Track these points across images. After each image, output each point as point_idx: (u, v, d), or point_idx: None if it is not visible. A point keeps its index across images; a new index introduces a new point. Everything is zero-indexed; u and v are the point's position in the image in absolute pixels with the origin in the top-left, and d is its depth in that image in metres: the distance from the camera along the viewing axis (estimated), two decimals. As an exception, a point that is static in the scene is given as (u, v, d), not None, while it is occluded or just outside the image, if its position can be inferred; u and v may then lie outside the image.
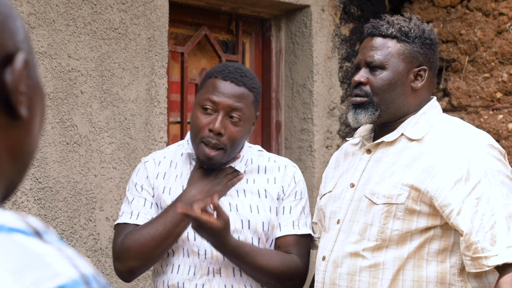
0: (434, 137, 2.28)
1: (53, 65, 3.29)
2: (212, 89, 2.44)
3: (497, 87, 4.23)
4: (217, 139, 2.40)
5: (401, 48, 2.32)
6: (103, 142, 3.43)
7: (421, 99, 2.35)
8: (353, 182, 2.35)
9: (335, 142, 4.34)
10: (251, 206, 2.48)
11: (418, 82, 2.33)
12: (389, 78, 2.30)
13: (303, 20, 4.28)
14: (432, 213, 2.21)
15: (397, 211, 2.22)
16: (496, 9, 4.26)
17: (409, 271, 2.23)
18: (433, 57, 2.36)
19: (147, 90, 3.58)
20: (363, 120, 2.32)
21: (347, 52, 4.42)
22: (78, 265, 0.88)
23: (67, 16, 3.33)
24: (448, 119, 2.37)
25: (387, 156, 2.31)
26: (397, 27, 2.33)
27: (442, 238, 2.23)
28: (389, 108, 2.31)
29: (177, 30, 4.05)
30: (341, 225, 2.33)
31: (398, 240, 2.23)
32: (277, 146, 4.36)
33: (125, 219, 2.49)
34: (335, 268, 2.30)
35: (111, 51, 3.47)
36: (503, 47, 4.21)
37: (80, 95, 3.37)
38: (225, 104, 2.41)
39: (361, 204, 2.29)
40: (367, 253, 2.25)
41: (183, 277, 2.44)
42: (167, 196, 2.48)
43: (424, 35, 2.33)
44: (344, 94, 4.39)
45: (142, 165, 2.56)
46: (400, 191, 2.22)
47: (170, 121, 3.94)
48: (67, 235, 3.32)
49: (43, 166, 3.24)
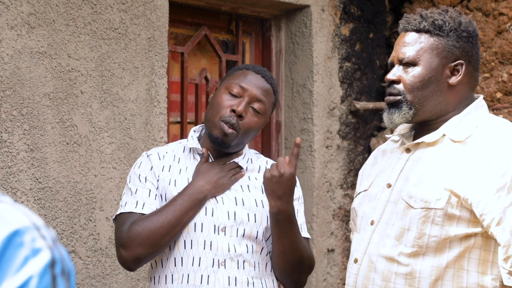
0: (478, 139, 2.15)
1: (53, 65, 3.29)
2: (243, 77, 2.54)
3: (497, 87, 4.23)
4: (236, 121, 2.47)
5: (434, 42, 2.20)
6: (103, 142, 3.43)
7: (461, 96, 2.23)
8: (390, 183, 2.24)
9: (335, 142, 4.34)
10: (256, 200, 2.52)
11: (455, 78, 2.20)
12: (422, 74, 2.19)
13: (303, 20, 4.28)
14: (472, 219, 2.09)
15: (436, 216, 2.11)
16: (496, 9, 4.26)
17: (448, 282, 2.12)
18: (471, 51, 2.23)
19: (147, 90, 3.58)
20: (397, 120, 2.22)
21: (347, 52, 4.42)
22: (29, 216, 1.00)
23: (67, 16, 3.33)
24: (494, 120, 2.23)
25: (427, 157, 2.19)
26: (430, 20, 2.21)
27: (482, 247, 2.11)
28: (424, 106, 2.20)
29: (177, 30, 4.05)
30: (376, 227, 2.22)
31: (436, 247, 2.11)
32: (277, 146, 4.36)
33: (130, 208, 2.49)
34: (368, 272, 2.20)
35: (111, 51, 3.47)
36: (503, 47, 4.21)
37: (80, 95, 3.36)
38: (252, 92, 2.51)
39: (398, 206, 2.18)
40: (403, 258, 2.14)
41: (188, 269, 2.45)
42: (173, 188, 2.50)
43: (460, 27, 2.21)
44: (344, 94, 4.39)
45: (145, 158, 2.57)
46: (439, 195, 2.11)
47: (170, 121, 3.94)
48: (67, 235, 3.32)
49: (43, 166, 3.24)
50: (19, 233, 0.98)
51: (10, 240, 0.97)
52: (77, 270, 3.35)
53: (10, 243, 0.97)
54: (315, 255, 4.21)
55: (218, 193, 2.49)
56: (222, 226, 2.46)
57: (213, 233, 2.45)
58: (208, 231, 2.45)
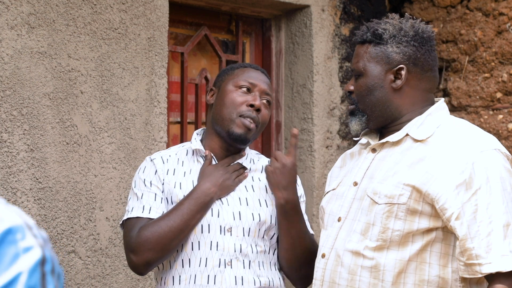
0: (439, 138, 2.26)
1: (53, 65, 3.29)
2: (247, 73, 2.59)
3: (497, 87, 4.23)
4: (256, 115, 2.53)
5: (375, 51, 2.33)
6: (103, 142, 3.43)
7: (412, 98, 2.33)
8: (356, 181, 2.35)
9: (335, 142, 4.34)
10: (260, 200, 2.56)
11: (398, 81, 2.32)
12: (366, 83, 2.33)
13: (303, 20, 4.28)
14: (434, 214, 2.19)
15: (399, 211, 2.21)
16: (496, 9, 4.26)
17: (410, 274, 2.21)
18: (415, 53, 2.32)
19: (147, 90, 3.58)
20: (355, 127, 2.37)
21: (347, 52, 4.42)
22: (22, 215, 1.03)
23: (67, 16, 3.33)
24: (455, 120, 2.34)
25: (391, 156, 2.31)
26: (372, 30, 2.34)
27: (443, 241, 2.21)
28: (374, 112, 2.33)
29: (177, 30, 4.05)
30: (343, 223, 2.32)
31: (399, 241, 2.21)
32: (277, 146, 4.36)
33: (137, 213, 2.51)
34: (335, 266, 2.29)
35: (111, 51, 3.47)
36: (503, 47, 4.21)
37: (80, 95, 3.37)
38: (261, 87, 2.57)
39: (363, 203, 2.28)
40: (368, 252, 2.24)
41: (195, 269, 2.47)
42: (179, 191, 2.52)
43: (400, 33, 2.32)
44: (344, 94, 4.39)
45: (149, 162, 2.59)
46: (402, 191, 2.21)
47: (170, 121, 3.94)
48: (67, 235, 3.32)
49: (43, 166, 3.24)
50: (11, 231, 1.00)
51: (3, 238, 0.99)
52: (77, 270, 3.35)
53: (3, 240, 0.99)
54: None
55: (223, 195, 2.52)
56: (228, 227, 2.48)
57: (219, 234, 2.48)
58: (214, 232, 2.48)
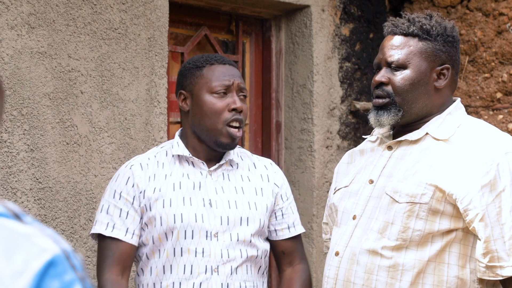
0: (461, 138, 2.23)
1: (53, 65, 3.29)
2: (217, 73, 2.49)
3: (497, 87, 4.23)
4: (240, 116, 2.46)
5: (423, 46, 2.27)
6: (103, 142, 3.43)
7: (445, 99, 2.31)
8: (372, 179, 2.30)
9: (335, 142, 4.34)
10: (249, 203, 2.51)
11: (441, 81, 2.28)
12: (412, 77, 2.26)
13: (303, 20, 4.28)
14: (455, 214, 2.16)
15: (420, 211, 2.17)
16: (496, 9, 4.26)
17: (429, 275, 2.18)
18: (455, 55, 2.31)
19: (147, 90, 3.58)
20: (386, 121, 2.28)
21: (347, 52, 4.42)
22: (59, 241, 1.01)
23: (67, 16, 3.33)
24: (474, 121, 2.32)
25: (410, 154, 2.26)
26: (418, 25, 2.27)
27: (462, 241, 2.18)
28: (412, 108, 2.27)
29: (177, 30, 4.05)
30: (358, 221, 2.27)
31: (419, 241, 2.18)
32: (277, 146, 4.36)
33: (100, 229, 2.49)
34: (351, 264, 2.24)
35: (111, 51, 3.47)
36: (503, 47, 4.21)
37: (80, 95, 3.37)
38: (235, 84, 2.48)
39: (382, 201, 2.24)
40: (387, 252, 2.20)
41: (179, 276, 2.43)
42: (158, 194, 2.47)
43: (446, 32, 2.28)
44: (344, 94, 4.39)
45: (126, 170, 2.53)
46: (424, 190, 2.18)
47: (170, 121, 3.94)
48: (67, 235, 3.32)
49: (43, 166, 3.24)
50: (53, 264, 0.98)
51: (45, 271, 0.98)
52: (77, 270, 3.36)
53: (46, 274, 0.98)
54: (315, 255, 4.21)
55: None
56: (214, 232, 2.44)
57: (205, 239, 2.42)
58: (199, 237, 2.42)
